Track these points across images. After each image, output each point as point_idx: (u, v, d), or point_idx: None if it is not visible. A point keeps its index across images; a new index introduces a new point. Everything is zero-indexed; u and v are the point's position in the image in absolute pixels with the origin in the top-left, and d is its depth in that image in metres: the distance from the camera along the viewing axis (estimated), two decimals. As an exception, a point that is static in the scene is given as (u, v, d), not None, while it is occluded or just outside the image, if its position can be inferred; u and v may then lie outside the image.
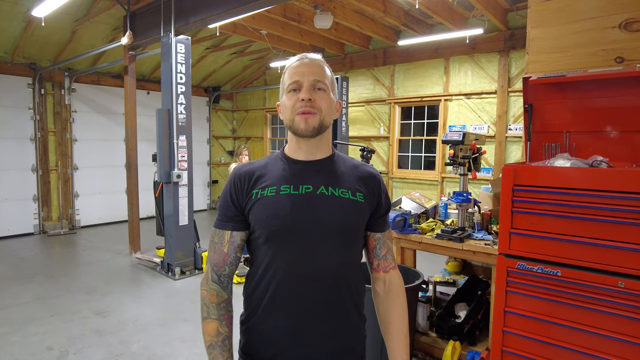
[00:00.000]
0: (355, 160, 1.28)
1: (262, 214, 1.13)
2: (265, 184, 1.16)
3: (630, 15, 2.02)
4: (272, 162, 1.21)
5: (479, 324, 3.14)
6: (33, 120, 7.13)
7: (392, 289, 1.27)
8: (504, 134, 6.15)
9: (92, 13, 5.89)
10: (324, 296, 1.12)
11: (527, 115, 2.25)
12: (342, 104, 1.20)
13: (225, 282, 1.21)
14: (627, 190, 1.65)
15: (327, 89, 1.15)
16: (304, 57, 1.18)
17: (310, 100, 1.11)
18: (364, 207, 1.18)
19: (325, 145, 1.21)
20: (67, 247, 6.52)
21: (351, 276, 1.18)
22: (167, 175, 4.90)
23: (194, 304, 4.19)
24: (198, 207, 9.34)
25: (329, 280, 1.13)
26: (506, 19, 5.90)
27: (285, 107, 1.16)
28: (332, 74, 1.20)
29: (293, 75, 1.15)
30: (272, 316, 1.14)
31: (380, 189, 1.23)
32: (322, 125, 1.14)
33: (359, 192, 1.18)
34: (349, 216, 1.15)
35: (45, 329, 3.58)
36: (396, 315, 1.25)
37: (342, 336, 1.16)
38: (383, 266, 1.27)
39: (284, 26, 6.49)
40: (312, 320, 1.12)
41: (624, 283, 1.67)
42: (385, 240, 1.28)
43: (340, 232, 1.14)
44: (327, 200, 1.13)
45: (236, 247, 1.19)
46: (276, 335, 1.13)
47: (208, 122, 10.05)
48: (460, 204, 2.90)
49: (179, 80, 4.87)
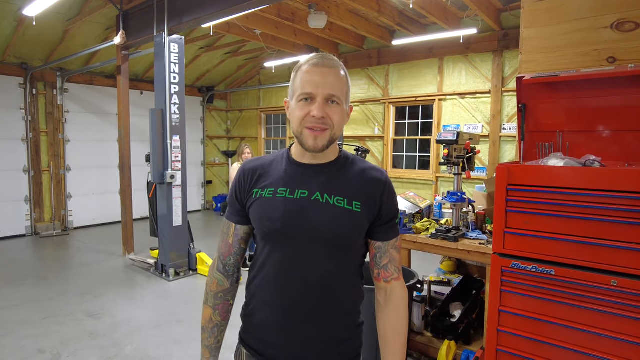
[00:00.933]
0: (367, 164, 1.22)
1: (257, 214, 1.16)
2: (264, 184, 1.17)
3: (622, 16, 2.03)
4: (276, 161, 1.21)
5: (473, 323, 3.15)
6: (25, 120, 7.07)
7: (393, 300, 1.22)
8: (498, 133, 6.18)
9: (84, 12, 5.84)
10: (311, 300, 1.13)
11: (520, 115, 2.25)
12: (352, 108, 1.18)
13: (231, 271, 1.27)
14: (620, 189, 1.66)
15: (341, 102, 1.10)
16: (320, 60, 1.10)
17: (322, 117, 1.07)
18: (359, 216, 1.13)
19: (331, 151, 1.17)
20: (59, 248, 6.47)
21: (340, 285, 1.16)
22: (160, 175, 4.87)
23: (188, 305, 4.17)
24: (192, 208, 9.29)
25: (316, 285, 1.12)
26: (500, 19, 5.93)
27: (295, 116, 1.11)
28: (347, 78, 1.14)
29: (306, 84, 1.08)
30: (264, 310, 1.17)
31: (383, 195, 1.17)
32: (332, 140, 1.12)
33: (356, 201, 1.14)
34: (340, 226, 1.11)
35: (38, 331, 3.54)
36: (393, 326, 1.22)
37: (328, 342, 1.15)
38: (384, 276, 1.22)
39: (278, 26, 6.47)
40: (299, 322, 1.13)
41: (617, 281, 1.68)
42: (389, 249, 1.21)
43: (329, 241, 1.12)
44: (320, 207, 1.12)
45: (240, 239, 1.25)
46: (267, 329, 1.17)
47: (202, 122, 10.01)
48: (454, 204, 2.91)
49: (172, 80, 4.84)
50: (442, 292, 3.61)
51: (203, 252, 5.21)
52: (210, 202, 10.18)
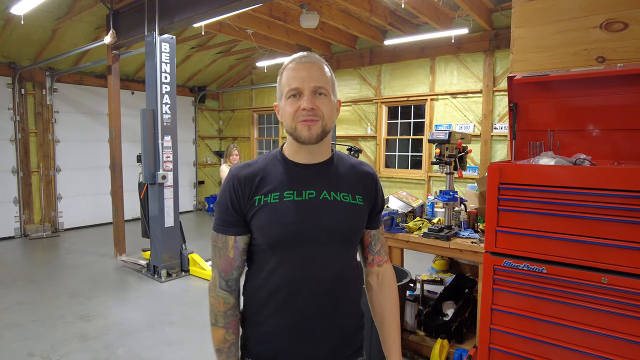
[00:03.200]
0: (352, 159, 1.28)
1: (265, 221, 1.12)
2: (267, 190, 1.13)
3: (611, 16, 2.05)
4: (271, 164, 1.18)
5: (466, 322, 3.17)
6: (13, 121, 6.97)
7: (386, 282, 1.32)
8: (489, 132, 6.22)
9: (74, 11, 5.77)
10: (327, 298, 1.15)
11: (512, 114, 2.27)
12: (341, 102, 1.19)
13: (234, 285, 1.21)
14: (610, 187, 1.67)
15: (328, 93, 1.13)
16: (303, 57, 1.13)
17: (312, 109, 1.09)
18: (363, 209, 1.21)
19: (325, 148, 1.19)
20: (50, 250, 6.39)
21: (351, 276, 1.22)
22: (152, 176, 4.83)
23: (181, 307, 4.14)
24: (184, 209, 9.23)
25: (332, 282, 1.15)
26: (491, 19, 5.97)
27: (286, 114, 1.12)
28: (332, 73, 1.17)
29: (292, 80, 1.11)
30: (276, 319, 1.15)
31: (376, 188, 1.26)
32: (325, 131, 1.13)
33: (358, 194, 1.20)
34: (351, 220, 1.18)
35: (27, 335, 3.49)
36: (390, 307, 1.31)
37: (342, 334, 1.19)
38: (377, 260, 1.32)
39: (270, 25, 6.45)
40: (316, 321, 1.15)
41: (607, 279, 1.69)
42: (380, 235, 1.32)
43: (343, 236, 1.17)
44: (330, 205, 1.14)
45: (241, 251, 1.18)
46: (279, 337, 1.15)
47: (194, 122, 9.95)
48: (446, 203, 2.92)
49: (163, 80, 4.80)
50: (434, 291, 3.62)
51: (195, 253, 5.18)
52: (202, 203, 10.12)
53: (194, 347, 3.33)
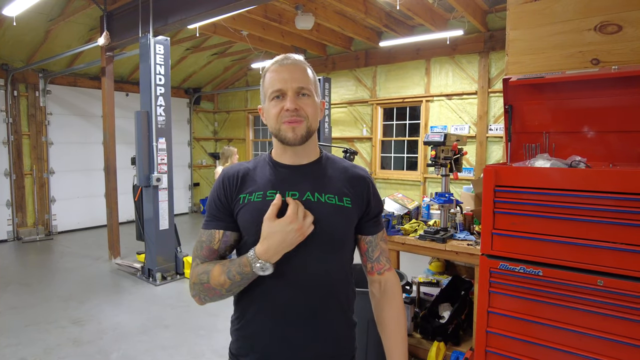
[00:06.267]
0: (346, 162, 1.25)
1: (248, 219, 1.12)
2: (252, 189, 1.14)
3: (605, 18, 2.06)
4: (260, 165, 1.19)
5: (462, 324, 3.16)
6: (5, 123, 6.89)
7: (388, 291, 1.26)
8: (484, 134, 6.24)
9: (67, 13, 5.73)
10: (311, 303, 1.13)
11: (507, 116, 2.27)
12: (325, 103, 1.18)
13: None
14: (605, 190, 1.67)
15: (311, 94, 1.12)
16: (285, 59, 1.13)
17: (296, 109, 1.09)
18: (350, 212, 1.16)
19: (312, 149, 1.19)
20: (43, 253, 6.32)
21: (338, 282, 1.18)
22: (146, 178, 4.80)
23: (176, 310, 4.11)
24: (179, 211, 9.17)
25: (315, 287, 1.13)
26: (485, 20, 5.99)
27: (270, 115, 1.12)
28: (314, 74, 1.17)
29: (275, 82, 1.10)
30: (259, 321, 1.14)
31: (369, 192, 1.21)
32: (309, 131, 1.13)
33: (346, 196, 1.16)
34: (334, 223, 1.14)
35: (19, 340, 3.45)
36: (392, 316, 1.25)
37: (327, 342, 1.16)
38: (377, 269, 1.26)
39: (265, 27, 6.44)
40: (299, 326, 1.12)
41: (602, 281, 1.69)
42: (378, 242, 1.26)
43: (325, 239, 1.13)
44: (312, 206, 1.11)
45: (228, 246, 1.16)
46: (263, 340, 1.14)
47: (189, 123, 9.91)
48: (442, 205, 2.91)
49: (158, 81, 4.78)
50: (431, 293, 3.62)
51: (190, 256, 5.14)
52: (197, 205, 10.07)
53: (189, 351, 3.30)
